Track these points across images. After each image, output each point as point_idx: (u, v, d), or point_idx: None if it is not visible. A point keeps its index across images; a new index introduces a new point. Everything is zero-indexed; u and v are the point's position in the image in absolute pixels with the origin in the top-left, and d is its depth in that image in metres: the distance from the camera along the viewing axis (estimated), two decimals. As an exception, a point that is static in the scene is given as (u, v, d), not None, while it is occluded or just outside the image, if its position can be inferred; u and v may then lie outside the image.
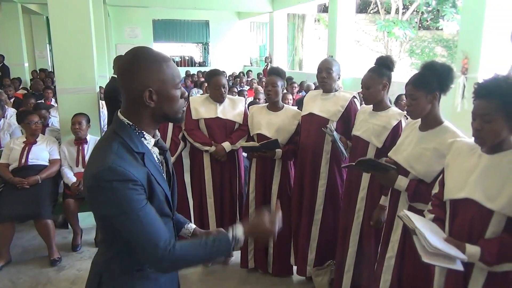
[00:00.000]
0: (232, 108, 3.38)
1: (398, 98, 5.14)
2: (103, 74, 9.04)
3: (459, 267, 1.58)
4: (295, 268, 3.31)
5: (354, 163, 2.22)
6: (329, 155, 2.96)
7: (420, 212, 1.97)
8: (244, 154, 3.66)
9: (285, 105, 3.23)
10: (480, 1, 5.36)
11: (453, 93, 5.30)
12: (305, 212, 3.08)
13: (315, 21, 16.39)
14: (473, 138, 1.70)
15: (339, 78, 2.99)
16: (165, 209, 1.33)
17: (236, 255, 3.55)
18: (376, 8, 14.97)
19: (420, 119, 2.16)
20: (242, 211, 3.46)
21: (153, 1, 11.88)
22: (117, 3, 11.69)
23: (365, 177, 2.63)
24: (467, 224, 1.69)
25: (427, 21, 15.04)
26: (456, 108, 5.35)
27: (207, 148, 3.28)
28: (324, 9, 14.83)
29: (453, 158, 1.83)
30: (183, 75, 12.01)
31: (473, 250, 1.61)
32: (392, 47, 14.54)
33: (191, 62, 17.25)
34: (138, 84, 1.23)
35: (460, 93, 5.71)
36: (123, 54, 1.39)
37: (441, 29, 13.58)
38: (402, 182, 2.12)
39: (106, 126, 5.11)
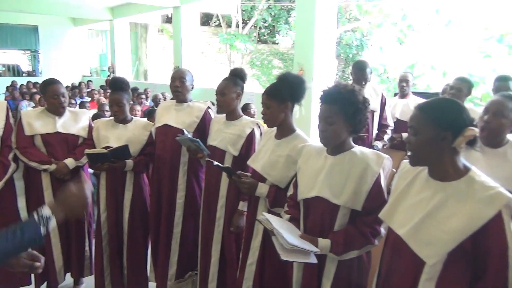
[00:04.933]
0: (74, 122, 3.05)
1: (245, 106, 5.38)
2: None
3: (313, 260, 1.72)
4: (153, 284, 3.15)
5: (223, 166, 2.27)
6: (186, 166, 2.91)
7: (278, 216, 2.07)
8: (91, 171, 3.35)
9: (133, 117, 3.07)
10: (310, 20, 6.02)
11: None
12: (163, 226, 2.96)
13: (158, 31, 16.20)
14: (320, 143, 1.88)
15: (192, 88, 2.98)
16: None
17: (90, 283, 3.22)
18: (218, 21, 15.58)
19: (276, 128, 2.28)
20: (91, 235, 3.17)
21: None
22: None
23: (224, 185, 2.66)
24: (318, 220, 1.85)
25: (265, 35, 16.29)
26: (295, 114, 5.87)
27: (45, 167, 2.89)
28: (167, 19, 14.78)
29: (304, 161, 1.98)
30: (7, 84, 10.51)
31: (324, 243, 1.77)
32: (235, 59, 15.30)
33: (17, 71, 15.21)
34: None
35: (297, 101, 6.31)
36: None
37: (277, 43, 14.87)
38: (262, 189, 2.20)
39: None
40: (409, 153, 1.47)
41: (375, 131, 3.93)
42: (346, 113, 1.75)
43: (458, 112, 1.39)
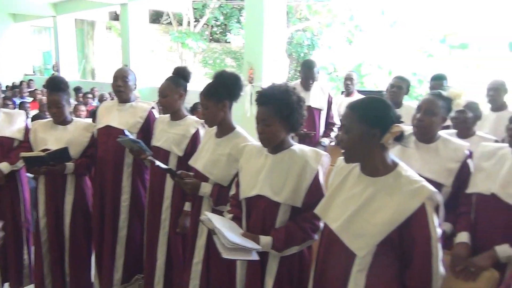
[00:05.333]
0: (9, 124, 2.89)
1: (194, 106, 5.33)
2: None
3: (255, 257, 1.75)
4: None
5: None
6: (130, 168, 2.84)
7: (222, 214, 2.08)
8: (30, 174, 3.20)
9: (74, 118, 2.95)
10: (259, 20, 6.07)
11: (243, 100, 5.85)
12: (107, 230, 2.88)
13: (106, 28, 15.69)
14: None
15: (135, 88, 2.92)
16: None
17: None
18: (169, 19, 15.33)
19: (216, 127, 2.28)
20: (30, 242, 3.03)
21: None
22: None
23: (169, 186, 2.63)
24: (260, 218, 1.88)
25: (217, 34, 16.22)
26: (246, 113, 5.91)
27: (-23, 172, 2.73)
28: (115, 16, 14.34)
29: (245, 161, 2.00)
30: None
31: (266, 240, 1.80)
32: (187, 58, 15.12)
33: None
34: None
35: (248, 99, 6.35)
36: None
37: (229, 42, 14.85)
38: (206, 189, 2.20)
39: None
40: (342, 151, 1.53)
41: (322, 129, 4.03)
42: (281, 114, 1.79)
43: (385, 110, 1.46)
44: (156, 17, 16.40)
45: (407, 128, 2.26)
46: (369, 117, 1.44)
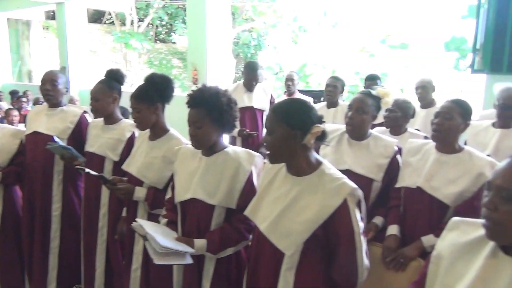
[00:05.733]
0: None
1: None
2: None
3: (189, 261, 1.74)
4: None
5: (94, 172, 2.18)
6: (61, 175, 2.72)
7: (159, 216, 2.08)
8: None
9: (0, 124, 2.78)
10: (202, 20, 6.03)
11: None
12: (38, 241, 2.74)
13: (43, 28, 14.91)
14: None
15: (66, 91, 2.79)
16: None
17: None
18: (112, 19, 14.84)
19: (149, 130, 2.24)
20: None
21: None
22: None
23: (105, 193, 2.55)
24: (195, 221, 1.87)
25: (162, 34, 15.92)
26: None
27: None
28: (53, 16, 13.66)
29: (180, 164, 1.98)
30: None
31: (201, 243, 1.79)
32: (131, 59, 14.73)
33: None
34: None
35: (192, 101, 6.29)
36: None
37: (175, 43, 14.64)
38: (140, 193, 2.16)
39: None
40: (267, 152, 1.55)
41: (265, 129, 4.06)
42: (212, 116, 1.79)
43: (305, 112, 1.50)
44: (98, 17, 15.82)
45: (341, 126, 2.35)
46: (289, 119, 1.48)
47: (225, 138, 4.03)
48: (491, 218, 1.03)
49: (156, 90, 2.15)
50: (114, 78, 2.55)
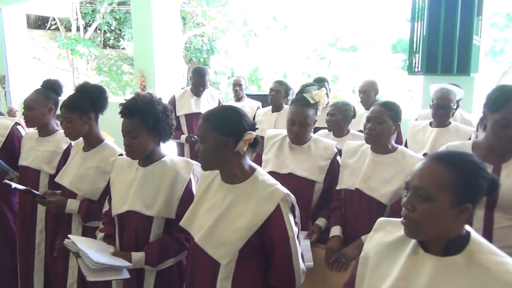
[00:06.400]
0: None
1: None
2: None
3: (125, 275, 1.69)
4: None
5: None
6: (-8, 192, 2.56)
7: (95, 229, 2.01)
8: None
9: None
10: (148, 26, 5.91)
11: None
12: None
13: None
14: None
15: None
16: None
17: None
18: (56, 24, 14.26)
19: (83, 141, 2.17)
20: None
21: None
22: None
23: (41, 208, 2.42)
24: (133, 234, 1.82)
25: (111, 40, 15.48)
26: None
27: None
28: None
29: (116, 175, 1.92)
30: None
31: (138, 256, 1.75)
32: (79, 65, 14.21)
33: None
34: None
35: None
36: None
37: (124, 48, 14.28)
38: (73, 206, 2.10)
39: None
40: (199, 159, 1.53)
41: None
42: (148, 125, 1.75)
43: (237, 119, 1.49)
44: (42, 23, 15.16)
45: (283, 131, 2.37)
46: (221, 126, 1.46)
47: (173, 145, 4.00)
48: (409, 218, 1.07)
49: (89, 99, 2.10)
50: (51, 89, 2.46)
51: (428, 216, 1.04)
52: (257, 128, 1.54)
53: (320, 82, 3.97)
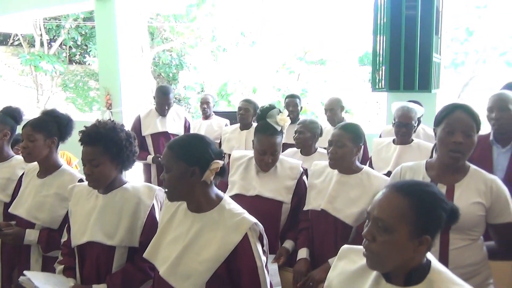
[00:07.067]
0: None
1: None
2: None
3: None
4: None
5: None
6: None
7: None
8: None
9: None
10: (113, 43, 5.81)
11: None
12: None
13: None
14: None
15: None
16: None
17: None
18: (19, 40, 13.84)
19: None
20: None
21: None
22: None
23: None
24: (94, 265, 1.75)
25: (76, 55, 15.15)
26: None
27: None
28: None
29: (74, 203, 1.86)
30: None
31: None
32: (43, 82, 13.82)
33: None
34: None
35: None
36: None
37: (90, 64, 14.00)
38: (32, 236, 2.01)
39: None
40: (165, 190, 1.49)
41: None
42: (110, 153, 1.71)
43: (204, 148, 1.47)
44: (3, 39, 14.69)
45: (248, 152, 2.35)
46: (187, 156, 1.44)
47: (139, 166, 3.91)
48: (370, 248, 1.06)
49: (57, 124, 2.08)
50: (10, 115, 2.39)
51: (387, 248, 1.04)
52: (224, 156, 1.52)
53: (291, 98, 4.01)
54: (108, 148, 1.70)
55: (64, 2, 6.13)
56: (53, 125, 2.08)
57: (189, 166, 1.43)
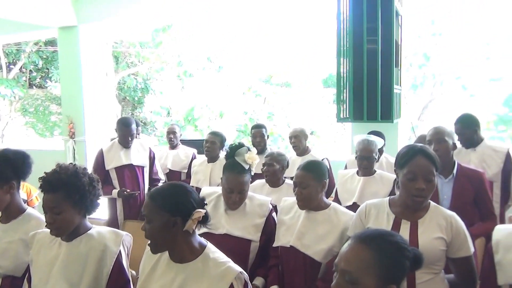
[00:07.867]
0: None
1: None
2: None
3: None
4: None
5: None
6: None
7: None
8: None
9: None
10: (77, 69, 5.70)
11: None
12: None
13: None
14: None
15: None
16: None
17: None
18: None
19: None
20: None
21: None
22: None
23: None
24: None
25: (37, 79, 14.73)
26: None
27: None
28: None
29: (36, 251, 1.77)
30: None
31: None
32: (1, 107, 13.32)
33: None
34: None
35: (70, 156, 5.84)
36: None
37: (51, 89, 13.64)
38: None
39: None
40: (149, 242, 1.47)
41: (146, 186, 3.89)
42: (73, 199, 1.65)
43: (185, 197, 1.46)
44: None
45: (217, 189, 2.34)
46: (168, 206, 1.42)
47: (104, 201, 3.80)
48: None
49: (11, 167, 1.94)
50: None
51: None
52: (206, 204, 1.51)
53: (258, 128, 4.05)
54: (70, 194, 1.64)
55: (26, 29, 5.98)
56: (8, 169, 1.93)
57: (171, 216, 1.42)
